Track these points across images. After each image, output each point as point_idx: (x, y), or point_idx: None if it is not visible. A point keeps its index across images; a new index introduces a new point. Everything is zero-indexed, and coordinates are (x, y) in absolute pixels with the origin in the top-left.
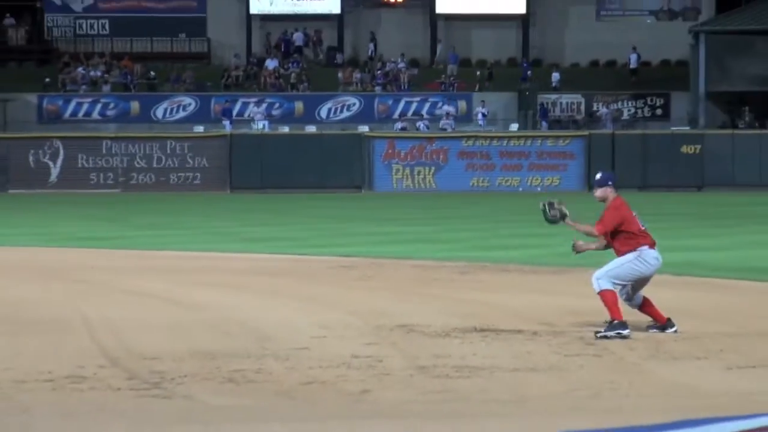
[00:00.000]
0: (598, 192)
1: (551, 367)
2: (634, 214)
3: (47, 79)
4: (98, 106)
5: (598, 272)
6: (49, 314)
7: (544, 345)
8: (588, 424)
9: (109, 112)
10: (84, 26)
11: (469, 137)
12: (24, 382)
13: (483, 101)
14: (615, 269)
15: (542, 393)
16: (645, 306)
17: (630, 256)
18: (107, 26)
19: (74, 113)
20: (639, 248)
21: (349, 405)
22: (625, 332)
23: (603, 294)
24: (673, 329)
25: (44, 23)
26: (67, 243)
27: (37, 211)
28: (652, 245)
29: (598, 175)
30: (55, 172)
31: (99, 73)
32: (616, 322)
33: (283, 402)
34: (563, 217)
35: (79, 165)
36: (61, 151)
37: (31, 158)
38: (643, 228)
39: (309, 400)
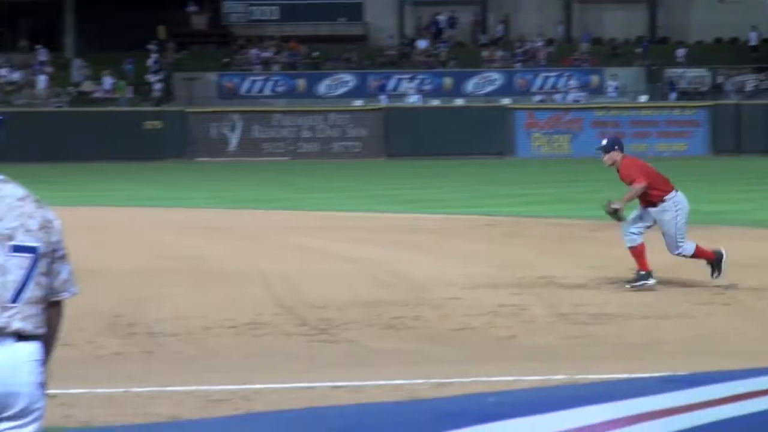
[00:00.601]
0: (606, 157)
1: (681, 314)
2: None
3: (225, 60)
4: (269, 84)
5: (676, 244)
6: (230, 268)
7: (675, 295)
8: (714, 367)
9: (279, 89)
10: (257, 13)
11: (601, 108)
12: (211, 329)
13: (614, 75)
14: (678, 230)
15: (673, 338)
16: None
17: (670, 211)
18: (277, 12)
19: (249, 90)
20: (669, 195)
21: (498, 348)
22: (651, 282)
23: (636, 249)
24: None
25: (222, 10)
26: (244, 205)
27: (218, 176)
28: (675, 189)
29: (604, 142)
30: (233, 142)
31: (270, 54)
32: (644, 272)
33: (438, 346)
34: (616, 212)
35: (254, 136)
36: (238, 124)
37: (212, 130)
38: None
39: (462, 344)
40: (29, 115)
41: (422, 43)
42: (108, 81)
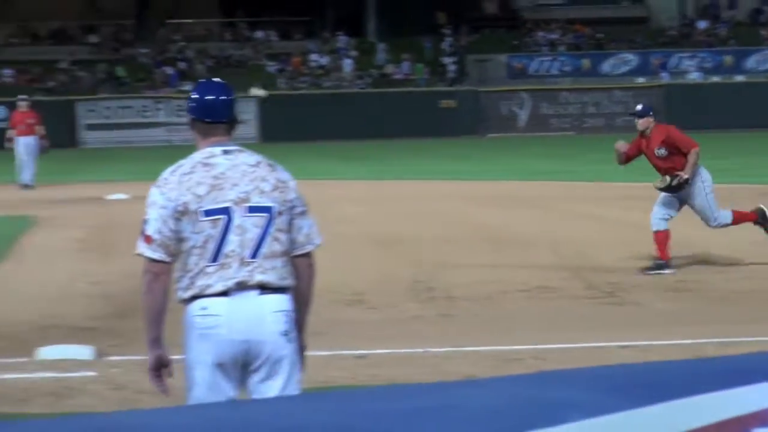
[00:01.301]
0: (641, 122)
1: None
2: None
3: (515, 43)
4: (556, 64)
5: (713, 216)
6: (520, 235)
7: None
8: None
9: (565, 68)
10: None
11: None
12: (506, 292)
13: None
14: (710, 202)
15: None
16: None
17: (698, 184)
18: None
19: (536, 70)
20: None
21: None
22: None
23: (660, 235)
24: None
25: None
26: (532, 177)
27: (508, 150)
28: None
29: (639, 107)
30: (522, 118)
31: (556, 36)
32: (662, 261)
33: (723, 307)
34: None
35: (542, 112)
36: (527, 101)
37: (503, 108)
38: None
39: (747, 305)
40: (336, 96)
41: (702, 24)
42: (406, 64)
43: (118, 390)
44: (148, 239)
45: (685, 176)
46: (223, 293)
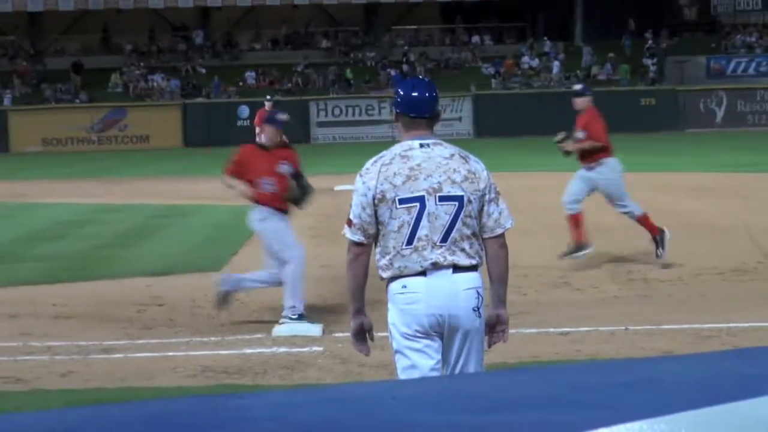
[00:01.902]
0: (579, 101)
1: None
2: None
3: (713, 45)
4: (753, 64)
5: (620, 202)
6: (716, 222)
7: None
8: None
9: (762, 69)
10: (742, 3)
11: None
12: (699, 275)
13: None
14: (620, 192)
15: None
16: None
17: (608, 173)
18: (760, 2)
19: (734, 70)
20: (608, 159)
21: None
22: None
23: (573, 218)
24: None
25: (712, 2)
26: (732, 168)
27: (706, 145)
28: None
29: (578, 86)
30: (719, 115)
31: (753, 39)
32: (579, 243)
33: None
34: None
35: (738, 109)
36: (724, 99)
37: (701, 105)
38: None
39: None
40: (545, 95)
41: None
42: (610, 66)
43: (343, 363)
44: (350, 223)
45: (567, 149)
46: (421, 273)
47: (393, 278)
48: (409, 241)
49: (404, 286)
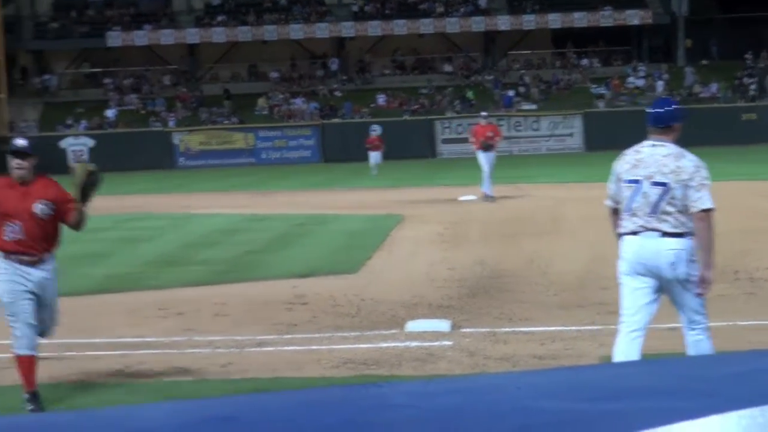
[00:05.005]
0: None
1: None
2: None
3: None
4: None
5: None
6: None
7: None
8: None
9: None
10: None
11: None
12: None
13: None
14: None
15: None
16: None
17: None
18: None
19: None
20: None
21: None
22: None
23: None
24: None
25: None
26: None
27: None
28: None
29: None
30: None
31: None
32: None
33: None
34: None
35: None
36: None
37: None
38: None
39: None
40: None
41: None
42: (712, 85)
43: (470, 356)
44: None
45: None
46: (634, 233)
47: (620, 236)
48: (628, 209)
49: (624, 241)
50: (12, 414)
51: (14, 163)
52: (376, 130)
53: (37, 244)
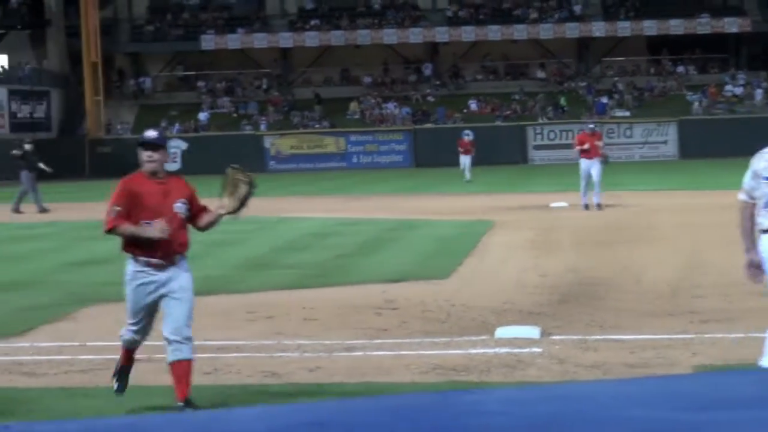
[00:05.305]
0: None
1: None
2: None
3: None
4: None
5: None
6: None
7: None
8: None
9: None
10: None
11: None
12: None
13: None
14: None
15: None
16: None
17: None
18: None
19: None
20: None
21: None
22: None
23: None
24: None
25: None
26: None
27: None
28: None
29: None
30: None
31: None
32: None
33: None
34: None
35: None
36: None
37: None
38: None
39: None
40: (748, 120)
41: None
42: None
43: (560, 364)
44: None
45: None
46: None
47: (761, 232)
48: (766, 206)
49: (763, 239)
50: (106, 416)
51: (145, 155)
52: (468, 135)
53: (175, 243)
